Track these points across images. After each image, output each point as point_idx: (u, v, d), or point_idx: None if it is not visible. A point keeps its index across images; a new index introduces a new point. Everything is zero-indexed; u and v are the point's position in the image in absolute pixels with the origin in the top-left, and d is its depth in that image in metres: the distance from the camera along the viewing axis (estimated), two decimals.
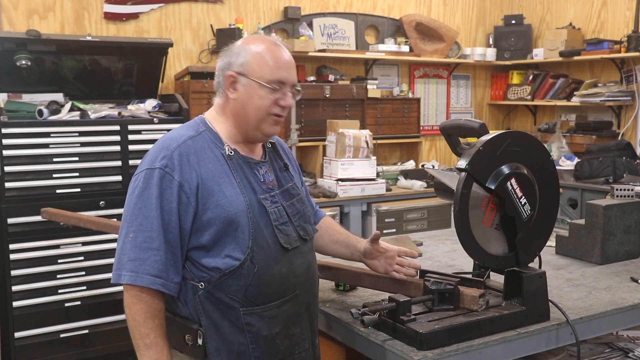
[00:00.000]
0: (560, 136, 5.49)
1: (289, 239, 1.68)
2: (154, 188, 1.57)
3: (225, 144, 1.68)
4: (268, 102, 1.66)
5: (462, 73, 6.31)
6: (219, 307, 1.60)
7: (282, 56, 1.68)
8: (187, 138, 1.64)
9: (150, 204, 1.57)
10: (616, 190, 2.67)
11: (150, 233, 1.56)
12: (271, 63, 1.66)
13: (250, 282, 1.60)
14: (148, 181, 1.59)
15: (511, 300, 1.80)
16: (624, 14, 5.40)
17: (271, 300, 1.63)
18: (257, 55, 1.66)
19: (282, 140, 1.96)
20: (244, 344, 1.61)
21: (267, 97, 1.66)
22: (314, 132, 4.99)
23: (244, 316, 1.60)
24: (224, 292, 1.59)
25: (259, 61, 1.66)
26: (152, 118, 3.87)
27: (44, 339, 3.58)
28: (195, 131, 1.68)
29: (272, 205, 1.68)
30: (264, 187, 1.69)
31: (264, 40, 1.70)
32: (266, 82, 1.65)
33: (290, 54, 1.73)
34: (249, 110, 1.67)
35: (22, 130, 3.48)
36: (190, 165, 1.60)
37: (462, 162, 1.70)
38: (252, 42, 1.69)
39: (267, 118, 1.68)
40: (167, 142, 1.64)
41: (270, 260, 1.63)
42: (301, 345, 1.71)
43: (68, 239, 3.62)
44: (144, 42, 4.12)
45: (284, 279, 1.65)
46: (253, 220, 1.61)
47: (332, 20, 5.38)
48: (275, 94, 1.67)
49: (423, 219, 5.00)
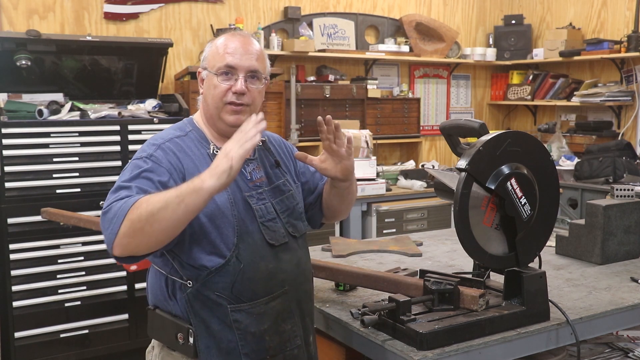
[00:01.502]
0: (560, 136, 5.49)
1: (275, 235, 1.69)
2: (145, 166, 1.58)
3: (211, 143, 1.70)
4: (220, 90, 1.67)
5: (462, 73, 6.31)
6: (207, 304, 1.61)
7: (234, 43, 1.69)
8: (174, 136, 1.68)
9: (141, 173, 1.57)
10: (616, 190, 2.67)
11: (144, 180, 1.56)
12: (221, 51, 1.69)
13: (236, 279, 1.60)
14: (139, 165, 1.60)
15: (511, 300, 1.80)
16: (624, 14, 5.40)
17: (258, 297, 1.64)
18: (212, 47, 1.72)
19: (279, 137, 1.96)
20: (233, 341, 1.62)
21: (219, 85, 1.67)
22: (314, 132, 4.98)
23: (232, 313, 1.61)
24: (211, 289, 1.60)
25: (213, 52, 1.70)
26: (152, 118, 3.87)
27: (44, 339, 3.58)
28: (182, 131, 1.72)
29: (259, 202, 1.69)
30: (250, 184, 1.70)
31: (227, 34, 1.73)
32: (216, 70, 1.67)
33: (253, 43, 1.72)
34: (209, 101, 1.70)
35: (22, 130, 3.48)
36: (177, 158, 1.63)
37: (462, 162, 1.70)
38: (217, 38, 1.73)
39: (225, 107, 1.69)
40: (155, 139, 1.68)
41: (256, 256, 1.63)
42: (293, 342, 1.71)
43: (68, 239, 3.62)
44: (144, 42, 4.12)
45: (271, 275, 1.66)
46: (237, 217, 1.63)
47: (332, 20, 5.38)
48: (228, 81, 1.67)
49: (423, 219, 5.00)
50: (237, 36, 1.71)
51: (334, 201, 1.89)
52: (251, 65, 1.69)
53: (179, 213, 1.43)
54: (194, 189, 1.43)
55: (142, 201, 1.44)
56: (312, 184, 1.93)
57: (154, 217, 1.42)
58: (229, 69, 1.67)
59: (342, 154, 1.75)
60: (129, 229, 1.43)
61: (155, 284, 1.72)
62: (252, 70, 1.69)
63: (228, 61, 1.67)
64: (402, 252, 2.59)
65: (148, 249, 1.50)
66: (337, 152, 1.74)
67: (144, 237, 1.44)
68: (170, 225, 1.44)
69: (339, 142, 1.74)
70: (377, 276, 1.93)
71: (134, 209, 1.43)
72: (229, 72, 1.67)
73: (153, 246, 1.49)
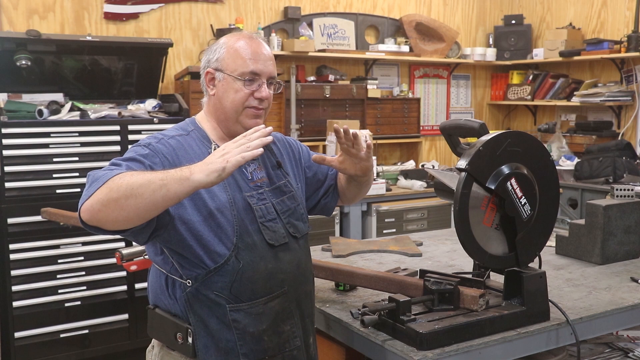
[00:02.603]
0: (560, 136, 5.49)
1: (275, 235, 1.69)
2: (142, 157, 1.58)
3: (213, 143, 1.71)
4: (243, 95, 1.69)
5: (462, 73, 6.31)
6: (206, 304, 1.61)
7: (255, 49, 1.71)
8: (176, 135, 1.69)
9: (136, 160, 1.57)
10: (616, 190, 2.67)
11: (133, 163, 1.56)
12: (244, 56, 1.69)
13: (235, 279, 1.61)
14: (135, 150, 1.60)
15: (511, 300, 1.79)
16: (624, 14, 5.40)
17: (257, 297, 1.64)
18: (231, 49, 1.70)
19: (282, 135, 1.96)
20: (231, 341, 1.62)
21: (241, 90, 1.68)
22: (314, 132, 4.99)
23: (231, 313, 1.61)
24: (210, 289, 1.60)
25: (233, 55, 1.69)
26: (152, 118, 3.87)
27: (44, 339, 3.59)
28: (184, 131, 1.72)
29: (259, 203, 1.69)
30: (251, 184, 1.71)
31: (240, 36, 1.73)
32: (239, 75, 1.68)
33: (267, 48, 1.75)
34: (226, 104, 1.70)
35: (22, 130, 3.48)
36: (176, 155, 1.62)
37: (462, 162, 1.70)
38: (228, 38, 1.73)
39: (245, 111, 1.71)
40: (157, 135, 1.69)
41: (255, 256, 1.64)
42: (292, 342, 1.71)
43: (68, 239, 3.62)
44: (144, 42, 4.12)
45: (270, 276, 1.66)
46: (237, 217, 1.63)
47: (332, 20, 5.38)
48: (251, 86, 1.69)
49: (423, 219, 5.00)
50: (256, 41, 1.72)
51: (352, 191, 1.95)
52: (272, 72, 1.73)
53: (157, 196, 1.40)
54: (180, 177, 1.42)
55: (126, 174, 1.43)
56: (321, 174, 1.96)
57: (132, 192, 1.39)
58: (254, 75, 1.69)
59: (361, 156, 1.79)
60: (104, 196, 1.41)
61: (155, 283, 1.72)
62: (272, 76, 1.73)
63: (253, 68, 1.68)
64: (402, 252, 2.59)
65: (115, 224, 1.45)
66: (356, 155, 1.78)
67: (115, 209, 1.41)
68: (145, 204, 1.40)
69: (358, 147, 1.77)
70: (377, 276, 1.93)
71: (116, 179, 1.42)
72: (254, 78, 1.69)
73: (121, 223, 1.44)
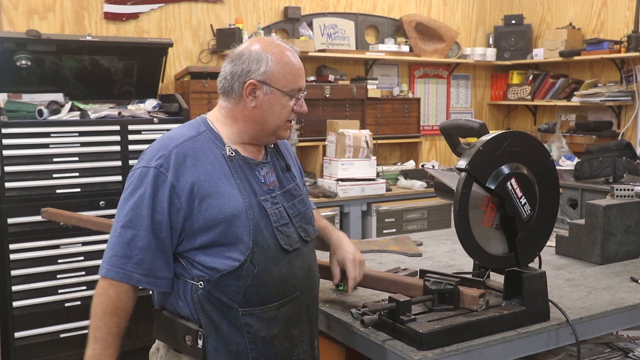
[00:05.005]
0: (560, 136, 5.49)
1: (289, 240, 1.68)
2: (147, 187, 1.58)
3: (226, 145, 1.67)
4: (289, 110, 1.70)
5: (462, 73, 6.31)
6: (218, 307, 1.60)
7: (298, 63, 1.71)
8: (186, 138, 1.64)
9: (143, 202, 1.58)
10: (616, 190, 2.67)
11: (139, 231, 1.57)
12: (294, 72, 1.69)
13: (249, 283, 1.60)
14: (142, 179, 1.59)
15: (511, 300, 1.79)
16: (624, 14, 5.40)
17: (270, 302, 1.63)
18: (279, 64, 1.66)
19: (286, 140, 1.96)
20: (242, 345, 1.61)
21: (288, 105, 1.69)
22: (313, 132, 4.99)
23: (243, 317, 1.60)
24: (223, 292, 1.59)
25: (284, 70, 1.67)
26: (152, 118, 3.87)
27: (44, 339, 3.59)
28: (196, 131, 1.68)
29: (273, 207, 1.67)
30: (264, 188, 1.69)
31: (282, 47, 1.70)
32: (290, 92, 1.68)
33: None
34: (269, 117, 1.69)
35: (22, 130, 3.48)
36: (186, 167, 1.60)
37: (462, 162, 1.70)
38: (270, 49, 1.67)
39: (285, 124, 1.72)
40: (166, 141, 1.64)
41: (270, 261, 1.63)
42: (300, 347, 1.71)
43: (68, 239, 3.62)
44: (144, 42, 4.12)
45: (283, 281, 1.65)
46: (253, 222, 1.61)
47: (332, 20, 5.38)
48: (296, 102, 1.71)
49: (423, 219, 5.00)
50: (296, 54, 1.72)
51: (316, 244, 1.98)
52: (305, 85, 1.75)
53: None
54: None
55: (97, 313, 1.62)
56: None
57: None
58: (299, 92, 1.71)
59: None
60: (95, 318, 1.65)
61: None
62: (304, 90, 1.75)
63: (302, 85, 1.71)
64: (402, 252, 2.59)
65: None
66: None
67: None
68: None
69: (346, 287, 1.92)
70: (377, 276, 1.93)
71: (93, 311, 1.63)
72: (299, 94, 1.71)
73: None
